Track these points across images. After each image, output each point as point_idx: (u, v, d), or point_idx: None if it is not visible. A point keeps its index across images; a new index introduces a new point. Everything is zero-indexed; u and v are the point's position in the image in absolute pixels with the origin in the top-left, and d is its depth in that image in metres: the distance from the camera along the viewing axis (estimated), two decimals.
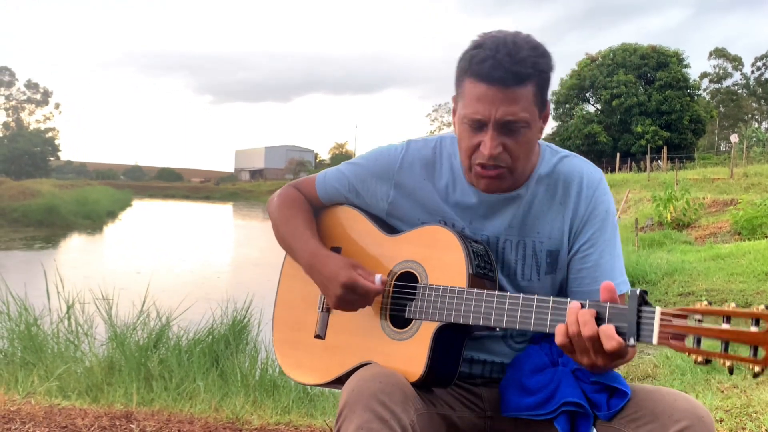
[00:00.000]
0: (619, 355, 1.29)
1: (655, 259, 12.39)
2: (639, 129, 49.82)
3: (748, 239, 15.49)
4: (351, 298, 1.59)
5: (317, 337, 1.74)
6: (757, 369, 1.14)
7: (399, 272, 1.65)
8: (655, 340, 1.24)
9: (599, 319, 1.31)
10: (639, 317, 1.27)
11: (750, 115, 77.92)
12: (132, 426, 3.04)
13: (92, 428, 2.96)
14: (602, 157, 48.27)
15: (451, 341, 1.55)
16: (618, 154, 42.52)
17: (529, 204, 1.62)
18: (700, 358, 1.20)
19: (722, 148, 67.42)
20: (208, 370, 4.94)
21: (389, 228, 1.73)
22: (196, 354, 5.15)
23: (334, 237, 1.81)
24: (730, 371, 1.18)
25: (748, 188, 22.99)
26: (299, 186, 1.87)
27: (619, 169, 39.45)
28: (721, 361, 1.19)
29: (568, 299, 1.37)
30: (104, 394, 4.17)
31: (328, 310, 1.74)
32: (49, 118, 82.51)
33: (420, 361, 1.51)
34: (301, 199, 1.84)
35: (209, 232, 31.26)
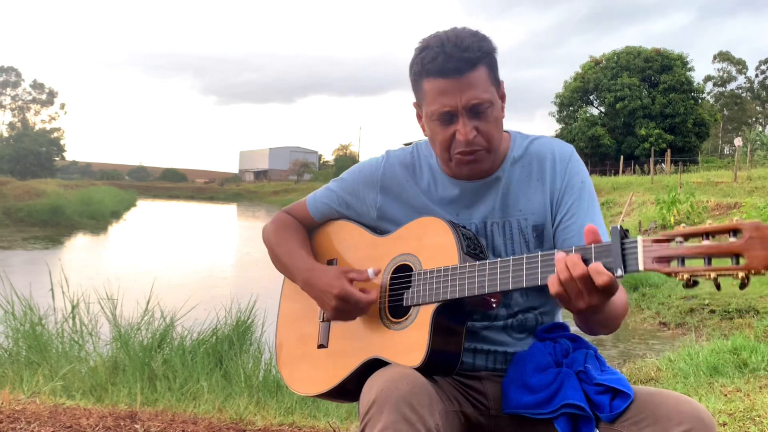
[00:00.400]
0: (611, 289, 1.33)
1: None
2: (643, 132, 49.71)
3: None
4: (346, 308, 1.64)
5: (320, 346, 1.76)
6: (741, 275, 1.17)
7: (395, 266, 1.69)
8: (641, 267, 1.28)
9: (586, 261, 1.35)
10: (623, 249, 1.31)
11: (754, 119, 77.80)
12: (136, 426, 3.04)
13: (97, 428, 2.97)
14: (606, 160, 48.22)
15: (450, 322, 1.58)
16: (622, 157, 42.46)
17: (508, 185, 1.70)
18: (686, 276, 1.23)
19: (726, 151, 67.26)
20: (211, 370, 4.94)
21: (381, 232, 1.78)
22: (200, 354, 5.16)
23: (328, 251, 1.86)
24: (717, 286, 1.21)
25: (752, 191, 22.95)
26: (291, 211, 1.95)
27: (623, 171, 39.39)
28: (707, 274, 1.21)
29: (555, 249, 1.40)
30: (108, 394, 4.18)
31: (329, 320, 1.77)
32: (54, 118, 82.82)
33: (421, 345, 1.53)
34: (294, 222, 1.92)
35: (213, 233, 31.31)
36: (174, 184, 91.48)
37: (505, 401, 1.60)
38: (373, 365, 1.60)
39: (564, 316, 1.82)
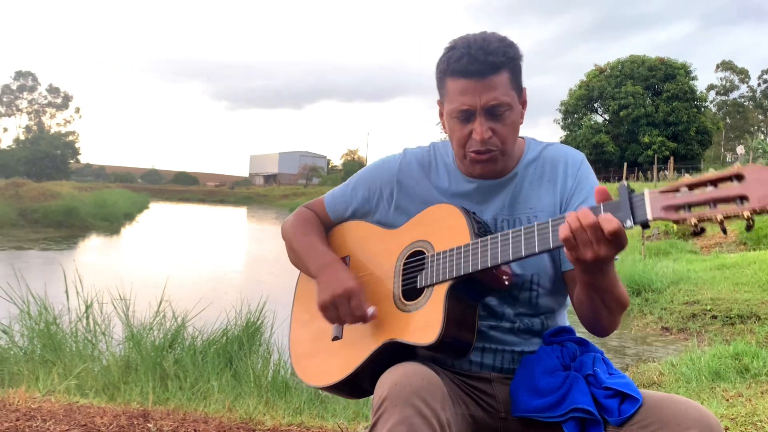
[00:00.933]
0: (619, 240, 1.34)
1: (662, 267, 12.32)
2: (646, 139, 49.64)
3: (753, 249, 15.40)
4: (341, 302, 1.65)
5: (335, 339, 1.75)
6: (746, 214, 1.18)
7: (408, 253, 1.69)
8: (650, 215, 1.28)
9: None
10: (631, 201, 1.32)
11: (756, 127, 77.52)
12: (149, 425, 3.04)
13: (111, 426, 2.97)
14: (609, 167, 48.10)
15: (464, 300, 1.58)
16: (625, 164, 42.14)
17: (520, 184, 1.73)
18: (694, 221, 1.23)
19: (728, 159, 66.96)
20: (222, 370, 4.95)
21: (394, 226, 1.79)
22: (210, 354, 5.17)
23: (342, 249, 1.86)
24: (723, 230, 1.23)
25: None
26: (311, 206, 1.97)
27: (626, 178, 39.20)
28: (714, 217, 1.22)
29: (566, 213, 1.41)
30: (121, 393, 4.19)
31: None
32: (69, 122, 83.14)
33: (436, 322, 1.53)
34: (313, 216, 1.93)
35: (224, 235, 31.35)
36: (185, 187, 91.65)
37: (514, 404, 1.59)
38: (389, 350, 1.60)
39: (571, 321, 1.81)
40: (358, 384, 1.70)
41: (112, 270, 14.70)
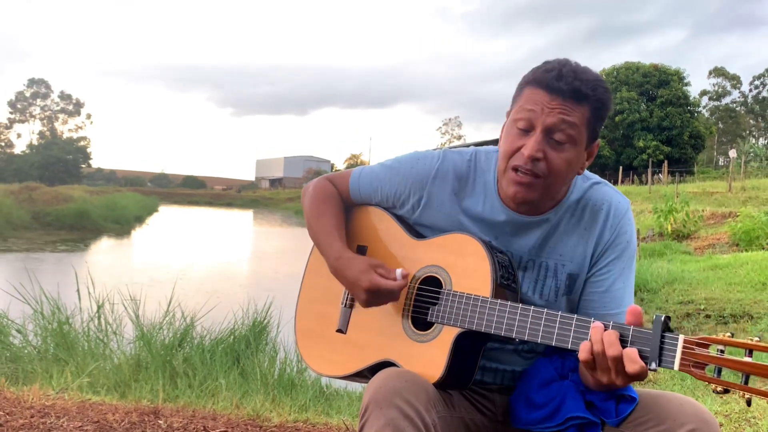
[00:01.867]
0: (639, 377, 1.28)
1: (656, 268, 12.30)
2: (641, 144, 49.59)
3: (746, 250, 15.37)
4: (377, 300, 1.59)
5: (339, 331, 1.73)
6: None
7: (423, 276, 1.63)
8: (676, 366, 1.23)
9: (623, 342, 1.29)
10: (662, 343, 1.25)
11: (748, 132, 77.44)
12: (160, 422, 3.04)
13: (123, 423, 2.97)
14: (605, 170, 48.04)
15: (470, 347, 1.54)
16: (621, 168, 42.31)
17: (555, 227, 1.60)
18: (720, 388, 1.18)
19: (721, 162, 67.00)
20: (229, 368, 4.95)
21: (416, 233, 1.71)
22: (218, 353, 5.17)
23: (362, 236, 1.79)
24: (748, 403, 1.17)
25: (746, 201, 22.82)
26: (334, 180, 1.85)
27: (622, 181, 39.26)
28: (741, 393, 1.17)
29: (592, 319, 1.35)
30: (132, 390, 4.19)
31: (351, 306, 1.72)
32: (81, 128, 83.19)
33: (439, 364, 1.50)
34: (335, 194, 1.82)
35: (231, 237, 31.36)
36: (194, 191, 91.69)
37: (513, 418, 1.58)
38: (388, 364, 1.58)
39: None
40: (356, 377, 1.70)
41: (122, 271, 14.71)
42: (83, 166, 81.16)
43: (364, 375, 1.65)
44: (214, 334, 5.57)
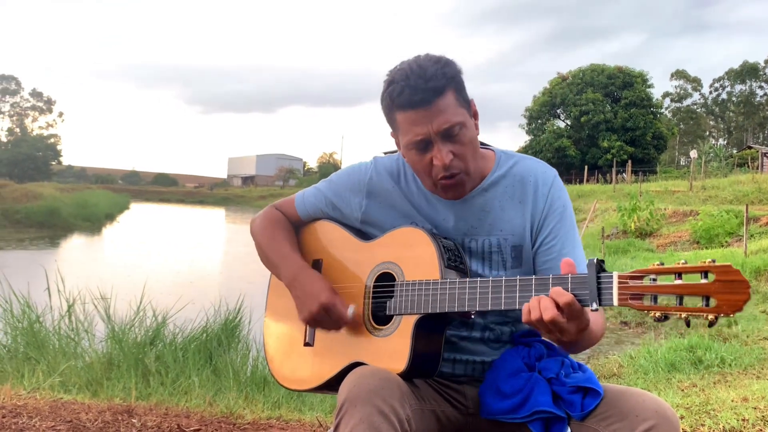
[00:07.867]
0: (579, 319, 1.33)
1: (620, 265, 12.49)
2: (605, 144, 50.26)
3: (706, 248, 15.69)
4: (323, 318, 1.62)
5: (306, 345, 1.74)
6: (710, 317, 1.17)
7: (378, 273, 1.66)
8: (615, 302, 1.27)
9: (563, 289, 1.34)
10: (599, 283, 1.30)
11: (708, 133, 78.98)
12: (134, 420, 3.01)
13: (96, 422, 2.93)
14: (571, 170, 48.61)
15: (431, 331, 1.56)
16: (586, 167, 42.89)
17: (490, 204, 1.66)
18: (658, 314, 1.23)
19: (682, 162, 68.28)
20: (202, 366, 4.91)
21: (365, 236, 1.76)
22: (191, 351, 5.12)
23: (314, 250, 1.82)
24: (687, 323, 1.21)
25: (706, 200, 23.24)
26: (280, 207, 1.89)
27: (587, 180, 39.76)
28: (678, 314, 1.21)
29: (533, 276, 1.40)
30: (104, 389, 4.13)
31: (303, 322, 1.72)
32: (52, 125, 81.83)
33: (403, 353, 1.52)
34: (283, 219, 1.86)
35: (203, 235, 31.08)
36: (165, 189, 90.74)
37: (482, 407, 1.60)
38: (356, 366, 1.58)
39: None
40: (328, 388, 1.71)
41: (93, 269, 14.50)
42: (53, 163, 79.89)
43: (334, 383, 1.65)
44: (186, 332, 5.51)
